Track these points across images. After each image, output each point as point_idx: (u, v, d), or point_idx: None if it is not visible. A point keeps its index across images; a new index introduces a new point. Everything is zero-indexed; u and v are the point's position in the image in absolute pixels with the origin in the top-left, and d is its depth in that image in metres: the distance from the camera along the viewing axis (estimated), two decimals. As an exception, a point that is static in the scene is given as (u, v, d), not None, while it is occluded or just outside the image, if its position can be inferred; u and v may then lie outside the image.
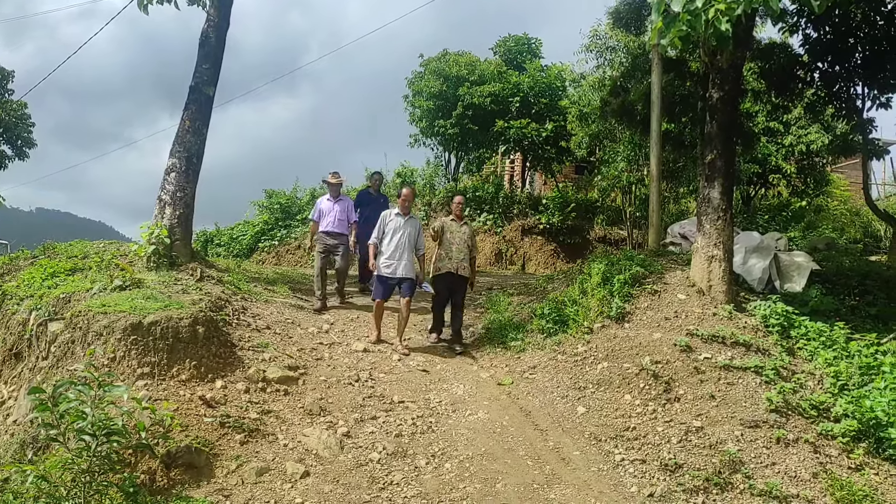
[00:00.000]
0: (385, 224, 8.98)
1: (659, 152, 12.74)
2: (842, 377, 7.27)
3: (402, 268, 8.83)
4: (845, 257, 12.04)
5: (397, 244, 8.85)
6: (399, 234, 8.89)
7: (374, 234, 9.02)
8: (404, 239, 8.90)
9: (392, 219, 9.01)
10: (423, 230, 9.41)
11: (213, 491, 5.43)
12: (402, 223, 8.96)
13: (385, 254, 8.84)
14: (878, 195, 22.28)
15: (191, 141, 9.85)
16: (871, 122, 13.12)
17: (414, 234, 9.05)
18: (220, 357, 7.13)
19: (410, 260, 8.94)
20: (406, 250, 8.89)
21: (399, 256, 8.83)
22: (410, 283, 8.91)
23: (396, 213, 9.05)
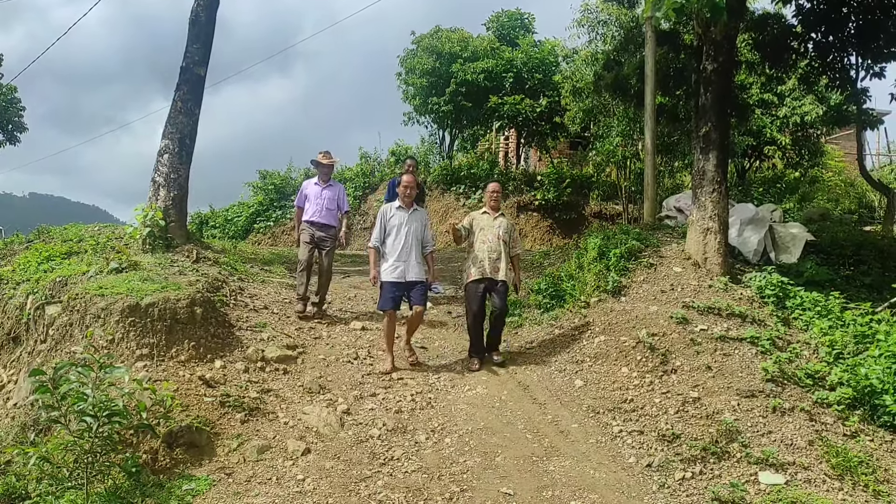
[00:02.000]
0: (386, 220, 7.68)
1: (653, 126, 12.73)
2: (837, 346, 7.32)
3: (413, 269, 7.52)
4: (840, 228, 12.09)
5: (403, 242, 7.55)
6: (404, 230, 7.60)
7: (373, 235, 7.66)
8: (411, 236, 7.61)
9: (394, 213, 7.71)
10: (429, 223, 8.18)
11: (215, 469, 5.47)
12: (405, 217, 7.66)
13: (390, 256, 7.56)
14: (872, 166, 22.29)
15: (183, 122, 9.80)
16: (864, 91, 13.13)
17: (420, 228, 7.75)
18: (219, 337, 7.15)
19: (420, 260, 7.66)
20: (414, 248, 7.59)
21: (407, 256, 7.53)
22: (422, 287, 7.63)
23: (398, 207, 7.72)
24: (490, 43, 20.61)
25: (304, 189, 9.21)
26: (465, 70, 19.41)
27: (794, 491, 5.37)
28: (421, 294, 7.59)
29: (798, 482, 5.54)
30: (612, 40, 15.78)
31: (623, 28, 15.45)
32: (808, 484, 5.53)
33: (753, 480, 5.54)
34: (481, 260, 7.73)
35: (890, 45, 11.90)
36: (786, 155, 18.67)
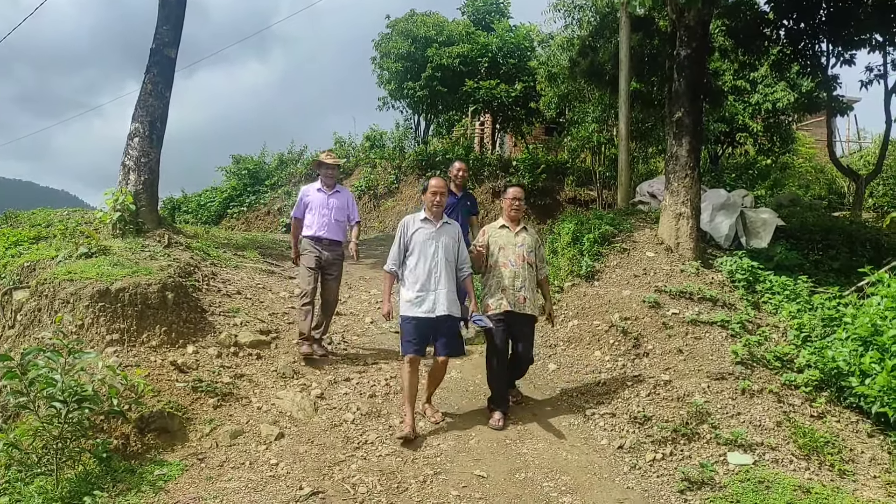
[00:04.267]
0: (407, 237, 5.97)
1: (627, 112, 12.78)
2: (805, 329, 7.45)
3: (443, 301, 5.82)
4: (809, 213, 12.26)
5: (431, 265, 5.86)
6: (431, 248, 5.90)
7: (391, 257, 6.01)
8: (440, 255, 5.90)
9: (418, 227, 5.97)
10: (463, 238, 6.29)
11: (188, 454, 5.45)
12: (432, 232, 5.95)
13: (413, 283, 5.86)
14: (842, 152, 22.61)
15: (153, 105, 9.66)
16: (835, 78, 13.30)
17: (453, 246, 6.02)
18: (191, 323, 7.09)
19: (452, 287, 5.95)
20: (444, 273, 5.88)
21: (436, 284, 5.83)
22: (454, 326, 5.90)
23: (424, 219, 5.99)
24: (465, 27, 20.52)
25: (304, 196, 7.56)
26: (440, 54, 19.31)
27: (762, 471, 5.47)
28: (450, 337, 5.87)
29: (766, 462, 5.64)
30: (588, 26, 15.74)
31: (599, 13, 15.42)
32: (775, 464, 5.63)
33: (722, 461, 5.64)
34: (502, 288, 6.18)
35: (860, 32, 12.05)
36: (758, 141, 18.84)
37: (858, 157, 20.64)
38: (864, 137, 24.51)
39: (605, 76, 13.98)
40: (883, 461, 5.90)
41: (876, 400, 6.20)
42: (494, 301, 6.19)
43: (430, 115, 21.90)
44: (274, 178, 21.74)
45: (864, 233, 11.05)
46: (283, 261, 11.02)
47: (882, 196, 16.96)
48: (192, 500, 4.82)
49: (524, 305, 6.22)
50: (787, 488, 5.19)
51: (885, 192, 17.12)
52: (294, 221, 7.69)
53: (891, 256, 9.08)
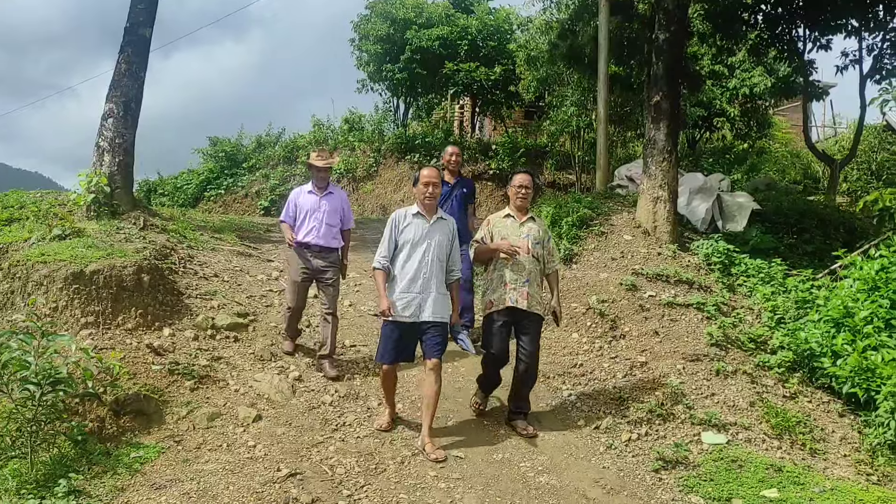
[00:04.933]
0: (398, 232, 5.52)
1: (606, 95, 12.79)
2: (779, 311, 7.56)
3: (431, 304, 5.39)
4: (784, 198, 12.39)
5: (420, 264, 5.40)
6: (422, 247, 5.44)
7: (379, 251, 5.55)
8: (431, 254, 5.44)
9: (409, 222, 5.52)
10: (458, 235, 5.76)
11: (164, 437, 5.42)
12: (425, 229, 5.48)
13: (399, 281, 5.44)
14: (817, 137, 22.83)
15: (128, 85, 9.50)
16: (811, 63, 13.42)
17: (447, 244, 5.54)
18: (167, 305, 7.02)
19: (443, 290, 5.51)
20: (435, 273, 5.43)
21: (424, 285, 5.39)
22: (441, 330, 5.45)
23: (416, 214, 5.54)
24: (445, 9, 20.38)
25: (294, 199, 6.88)
26: (419, 37, 19.18)
27: (735, 450, 5.56)
28: (437, 342, 5.40)
29: (739, 442, 5.73)
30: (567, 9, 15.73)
31: (578, -4, 15.41)
32: (748, 443, 5.73)
33: (697, 440, 5.72)
34: (505, 283, 5.69)
35: (836, 17, 12.16)
36: (735, 126, 18.99)
37: (834, 143, 20.86)
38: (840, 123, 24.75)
39: (584, 60, 13.98)
40: (853, 440, 6.02)
41: (847, 380, 6.31)
42: (496, 296, 5.71)
43: (410, 97, 21.78)
44: (252, 161, 21.55)
45: (837, 217, 11.21)
46: (260, 243, 10.95)
47: (856, 181, 17.18)
48: (169, 482, 4.80)
49: (528, 303, 5.67)
50: (759, 467, 5.28)
51: (859, 177, 17.35)
52: (284, 228, 6.87)
53: (864, 240, 9.21)
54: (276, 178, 20.04)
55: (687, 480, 5.19)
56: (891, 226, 8.06)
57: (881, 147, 18.35)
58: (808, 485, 5.07)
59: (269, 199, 19.58)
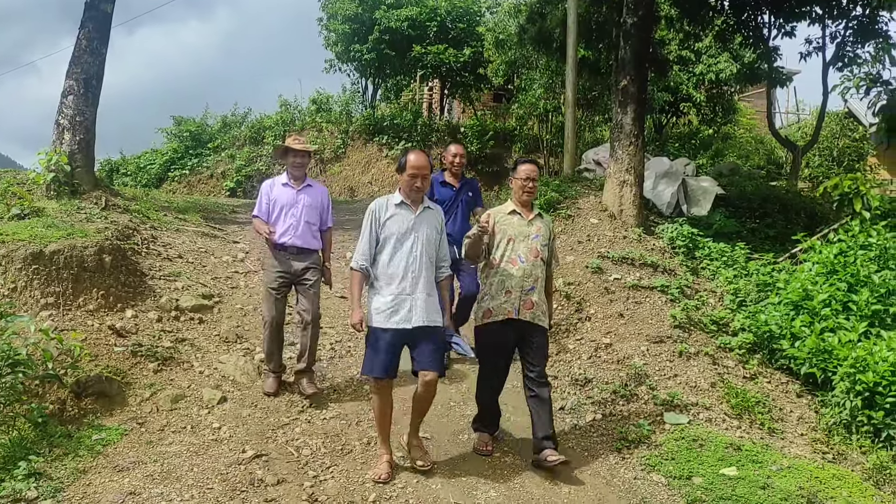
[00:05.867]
0: (380, 225, 4.75)
1: (575, 79, 12.82)
2: (740, 294, 7.70)
3: (422, 307, 4.67)
4: (748, 182, 12.58)
5: (407, 262, 4.69)
6: (409, 241, 4.72)
7: (359, 251, 4.75)
8: (419, 249, 4.73)
9: (392, 214, 4.76)
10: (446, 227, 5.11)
11: (127, 419, 5.36)
12: (411, 221, 4.75)
13: (385, 284, 4.70)
14: (781, 123, 23.18)
15: (88, 61, 9.28)
16: (775, 50, 13.59)
17: (435, 238, 4.84)
18: (130, 286, 6.93)
19: (432, 290, 4.80)
20: (424, 272, 4.73)
21: (412, 286, 4.68)
22: (435, 338, 4.75)
23: (399, 204, 4.78)
24: (414, -11, 20.23)
25: (266, 192, 6.01)
26: (388, 17, 19.01)
27: (696, 430, 5.66)
28: (433, 350, 4.70)
29: (700, 421, 5.84)
30: (537, -9, 15.72)
31: (547, -21, 15.39)
32: (709, 423, 5.83)
33: (659, 420, 5.81)
34: (506, 290, 4.97)
35: (801, 4, 12.32)
36: (701, 111, 19.17)
37: (797, 129, 21.19)
38: (803, 109, 25.15)
39: (552, 43, 14.00)
40: (810, 420, 6.17)
41: (805, 361, 6.46)
42: (496, 305, 4.99)
43: (378, 79, 21.64)
44: (217, 141, 21.25)
45: (799, 202, 11.41)
46: (226, 224, 10.84)
47: (818, 167, 17.48)
48: (132, 464, 4.75)
49: (532, 312, 4.99)
50: (719, 446, 5.39)
51: (820, 163, 17.65)
52: (256, 223, 6.02)
53: (823, 225, 9.40)
54: (242, 159, 19.81)
55: (649, 459, 5.27)
56: (849, 211, 8.22)
57: (842, 134, 18.67)
58: (766, 463, 5.19)
59: (235, 180, 19.36)
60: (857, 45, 12.59)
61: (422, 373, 4.68)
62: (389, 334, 4.62)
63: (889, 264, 7.19)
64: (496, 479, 4.84)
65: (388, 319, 4.62)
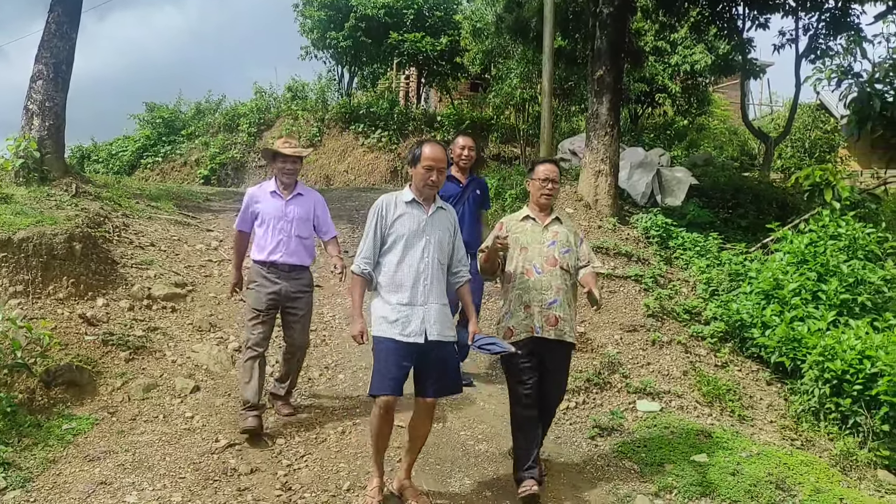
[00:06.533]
0: (387, 225, 4.21)
1: (551, 69, 12.80)
2: (713, 283, 7.79)
3: (435, 319, 4.14)
4: (721, 173, 12.71)
5: (420, 269, 4.15)
6: (421, 244, 4.17)
7: (361, 253, 4.22)
8: (431, 254, 4.19)
9: (401, 213, 4.21)
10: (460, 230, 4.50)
11: (98, 408, 5.30)
12: (422, 221, 4.20)
13: (393, 291, 4.15)
14: (754, 115, 23.42)
15: (58, 46, 9.10)
16: (749, 41, 13.72)
17: (449, 240, 4.30)
18: (101, 275, 6.83)
19: (444, 300, 4.26)
20: (438, 279, 4.21)
21: (426, 295, 4.14)
22: (451, 355, 4.27)
23: (410, 202, 4.23)
24: (390, -24, 20.07)
25: (251, 201, 5.30)
26: (364, 4, 18.84)
27: (668, 417, 5.73)
28: (443, 370, 4.17)
29: (672, 409, 5.91)
30: (514, -20, 15.68)
31: (524, -32, 15.36)
32: (680, 410, 5.91)
33: (632, 408, 5.88)
34: (525, 305, 4.48)
35: (774, -4, 12.42)
36: (676, 102, 19.32)
37: (770, 120, 21.43)
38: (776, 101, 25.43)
39: (529, 33, 13.97)
40: (779, 407, 6.28)
41: (775, 350, 6.56)
42: (516, 323, 4.48)
43: (355, 67, 21.45)
44: (191, 128, 20.98)
45: (771, 192, 11.55)
46: (199, 212, 10.72)
47: (790, 158, 17.71)
48: (103, 454, 4.71)
49: (557, 329, 4.46)
50: (690, 433, 5.46)
51: (792, 154, 17.88)
52: (237, 236, 5.45)
53: (795, 215, 9.53)
54: (217, 147, 19.59)
55: (621, 447, 5.33)
56: (820, 201, 8.34)
57: (814, 125, 18.93)
58: (736, 450, 5.27)
59: (209, 168, 19.15)
60: (830, 37, 12.76)
61: (425, 400, 4.16)
62: (399, 347, 4.04)
63: (858, 254, 7.32)
64: (469, 467, 4.86)
65: (398, 330, 4.06)
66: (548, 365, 4.52)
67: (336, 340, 6.82)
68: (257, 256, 5.20)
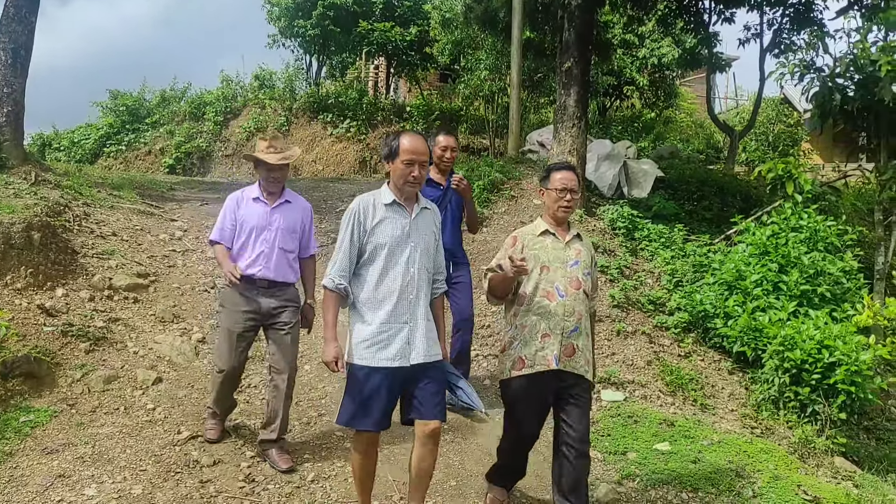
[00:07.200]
0: (365, 233, 3.63)
1: (520, 60, 12.85)
2: (677, 275, 7.88)
3: (422, 339, 3.60)
4: (687, 166, 12.86)
5: (403, 281, 3.60)
6: (405, 253, 3.63)
7: (335, 265, 3.62)
8: (417, 264, 3.64)
9: (382, 217, 3.64)
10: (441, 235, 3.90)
11: (57, 400, 5.20)
12: (406, 227, 3.64)
13: (374, 309, 3.59)
14: (720, 108, 23.72)
15: (17, 30, 8.87)
16: (715, 35, 13.90)
17: (433, 244, 3.76)
18: (61, 265, 6.69)
19: (430, 315, 3.72)
20: (424, 292, 3.68)
21: (411, 310, 3.62)
22: (441, 377, 3.72)
23: (391, 203, 3.66)
24: (360, -35, 19.90)
25: (231, 209, 4.70)
26: (333, -8, 18.69)
27: (632, 406, 5.79)
28: (438, 392, 3.63)
29: (636, 398, 5.98)
30: (483, -29, 15.66)
31: (494, -42, 15.35)
32: (644, 400, 5.98)
33: (597, 398, 5.92)
34: (544, 331, 3.84)
35: (740, -9, 12.57)
36: (644, 95, 19.49)
37: (735, 114, 21.73)
38: (742, 95, 25.80)
39: (498, 24, 13.99)
40: (740, 396, 6.38)
41: (737, 340, 6.66)
42: (531, 353, 3.84)
43: (323, 56, 21.26)
44: (155, 117, 20.62)
45: (735, 185, 11.72)
46: (163, 202, 10.56)
47: (754, 151, 17.96)
48: (62, 447, 4.62)
49: (576, 361, 3.87)
50: (653, 422, 5.52)
51: (756, 148, 18.14)
52: (217, 250, 4.74)
53: (757, 207, 9.67)
54: (182, 135, 19.29)
55: (586, 436, 5.37)
56: (782, 194, 8.47)
57: (778, 119, 19.24)
58: (698, 438, 5.35)
59: (174, 157, 18.85)
60: (793, 32, 12.96)
61: (420, 423, 3.57)
62: (381, 375, 3.51)
63: (818, 246, 7.45)
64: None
65: (378, 354, 3.51)
66: (567, 399, 3.88)
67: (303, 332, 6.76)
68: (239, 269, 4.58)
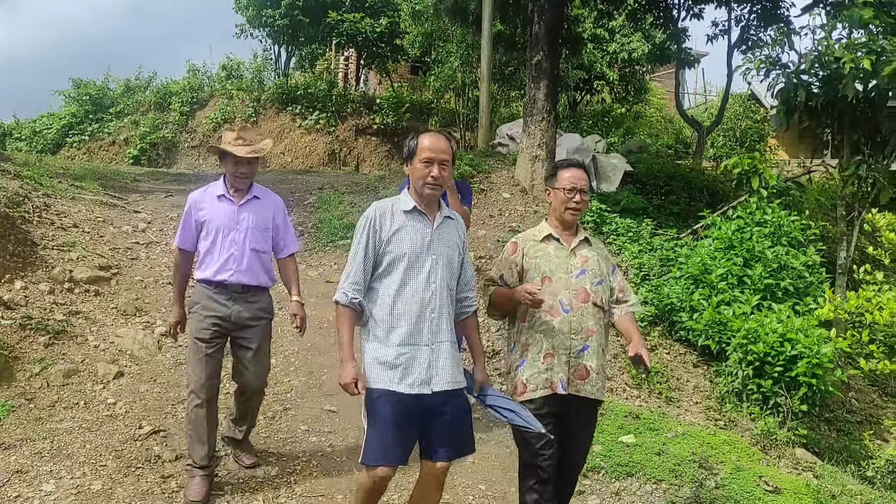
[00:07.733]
0: (381, 242, 3.23)
1: (490, 53, 12.83)
2: (645, 268, 7.94)
3: (446, 364, 3.21)
4: (655, 160, 12.95)
5: (423, 297, 3.21)
6: (426, 266, 3.24)
7: (349, 278, 3.22)
8: (438, 278, 3.25)
9: (399, 225, 3.25)
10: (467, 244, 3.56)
11: (15, 395, 5.08)
12: (427, 237, 3.25)
13: (391, 329, 3.21)
14: (689, 104, 23.93)
15: (-26, 15, 8.65)
16: (684, 31, 14.00)
17: (456, 258, 3.35)
18: (19, 257, 6.54)
19: (452, 337, 3.31)
20: (447, 311, 3.28)
21: (434, 332, 3.23)
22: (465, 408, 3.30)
23: (411, 210, 3.26)
24: (329, -46, 19.71)
25: (194, 208, 4.20)
26: (301, -19, 18.49)
27: (598, 399, 5.82)
28: (457, 427, 3.24)
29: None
30: (453, -38, 15.61)
31: (464, -50, 15.31)
32: (610, 393, 6.01)
33: (563, 391, 5.93)
34: (547, 351, 3.41)
35: (708, -13, 12.68)
36: (614, 90, 19.60)
37: (703, 109, 21.95)
38: (710, 91, 26.05)
39: (468, 16, 13.96)
40: (704, 388, 6.45)
41: (702, 333, 6.73)
42: (533, 375, 3.42)
43: (292, 46, 21.04)
44: (119, 106, 20.25)
45: (702, 180, 11.84)
46: (127, 193, 10.38)
47: (722, 146, 18.17)
48: (19, 442, 4.52)
49: (588, 384, 3.43)
50: (619, 415, 5.55)
51: (724, 143, 18.35)
52: (178, 256, 4.32)
53: (724, 202, 9.77)
54: (147, 126, 18.99)
55: (552, 429, 5.38)
56: (748, 189, 8.57)
57: (745, 115, 19.46)
58: (662, 430, 5.39)
59: (139, 148, 18.55)
60: (761, 28, 13.10)
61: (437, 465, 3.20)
62: (398, 403, 3.12)
63: (782, 241, 7.55)
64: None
65: (399, 381, 3.14)
66: (573, 426, 3.46)
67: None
68: (202, 275, 4.17)
